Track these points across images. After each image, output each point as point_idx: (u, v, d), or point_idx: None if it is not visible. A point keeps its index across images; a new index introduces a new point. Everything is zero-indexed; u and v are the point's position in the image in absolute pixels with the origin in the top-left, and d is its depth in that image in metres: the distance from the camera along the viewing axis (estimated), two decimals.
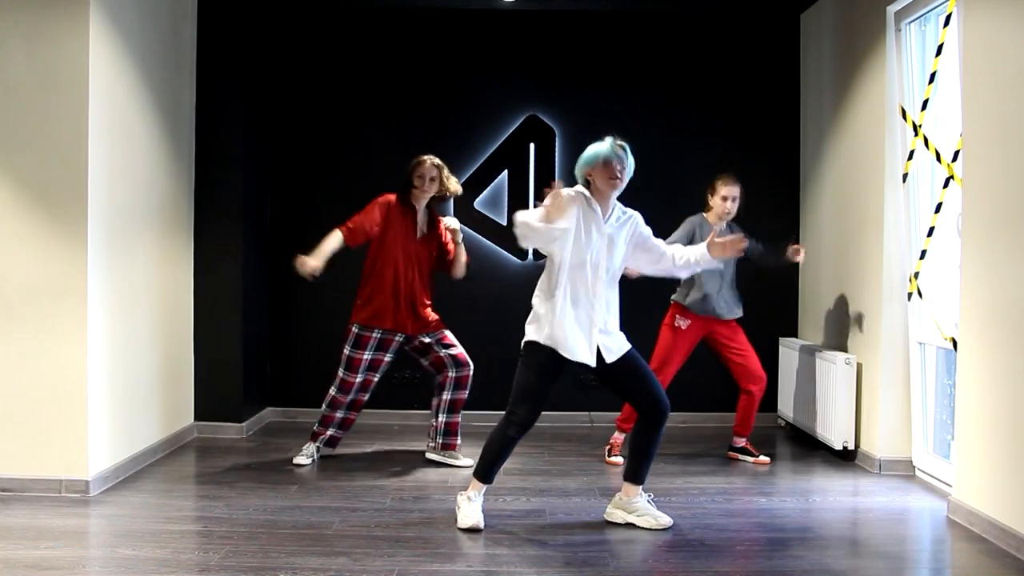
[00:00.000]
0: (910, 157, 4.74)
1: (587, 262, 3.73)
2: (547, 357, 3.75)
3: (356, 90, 6.16)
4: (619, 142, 3.77)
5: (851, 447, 5.04)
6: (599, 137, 3.86)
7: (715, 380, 5.53)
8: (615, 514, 3.93)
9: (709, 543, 3.67)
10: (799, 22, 6.13)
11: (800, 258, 5.06)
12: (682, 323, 4.97)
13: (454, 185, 4.87)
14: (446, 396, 4.91)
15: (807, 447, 5.46)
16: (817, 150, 5.81)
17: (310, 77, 6.17)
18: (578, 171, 3.82)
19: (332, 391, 4.87)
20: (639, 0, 6.02)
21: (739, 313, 5.06)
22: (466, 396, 4.94)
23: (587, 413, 6.06)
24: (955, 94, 4.28)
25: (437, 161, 4.79)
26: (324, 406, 4.92)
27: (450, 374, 4.89)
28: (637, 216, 3.92)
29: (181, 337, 5.39)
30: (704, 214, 4.99)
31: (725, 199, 4.91)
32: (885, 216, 4.85)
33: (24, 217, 4.19)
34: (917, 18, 4.70)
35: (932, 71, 4.52)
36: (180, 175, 5.33)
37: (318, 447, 4.96)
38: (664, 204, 5.30)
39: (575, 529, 3.84)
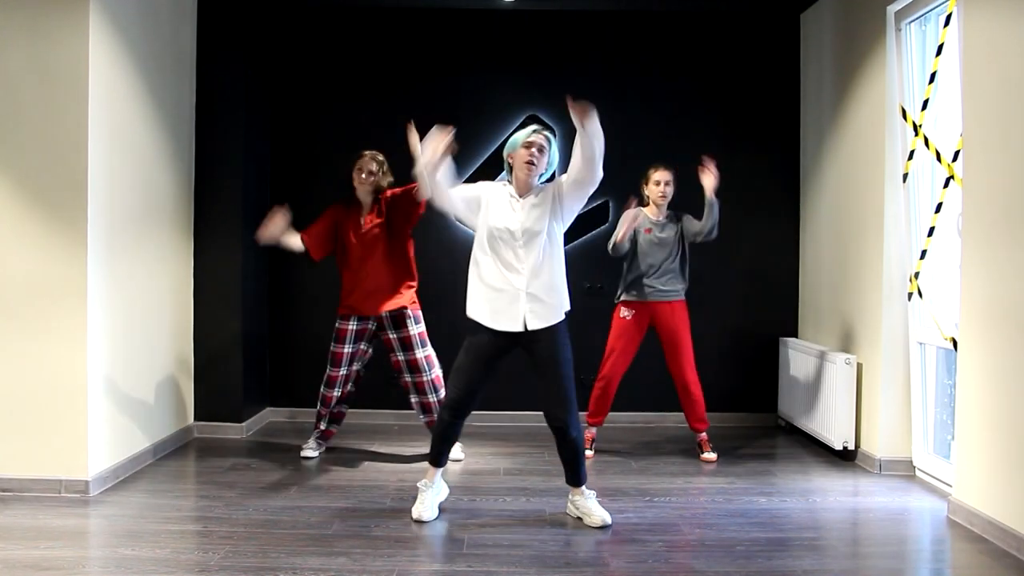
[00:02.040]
0: (910, 157, 4.74)
1: (501, 232, 3.81)
2: (479, 333, 3.86)
3: (356, 90, 6.16)
4: (541, 130, 3.89)
5: (851, 447, 5.04)
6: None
7: (713, 381, 5.54)
8: (570, 508, 4.02)
9: (709, 543, 3.67)
10: (799, 22, 6.13)
11: (708, 177, 4.91)
12: (627, 314, 5.08)
13: (386, 181, 4.90)
14: (413, 399, 5.00)
15: (807, 447, 5.46)
16: (817, 150, 5.81)
17: (310, 77, 6.16)
18: (505, 155, 3.96)
19: (322, 388, 5.01)
20: (639, 0, 6.02)
21: (680, 294, 5.10)
22: (431, 399, 4.92)
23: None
24: (955, 94, 4.28)
25: (380, 157, 4.90)
26: (318, 403, 5.07)
27: (407, 379, 4.95)
28: (558, 179, 3.95)
29: (181, 337, 5.39)
30: (643, 208, 5.06)
31: (659, 183, 5.05)
32: (885, 216, 4.85)
33: (24, 217, 4.19)
34: (917, 18, 4.69)
35: (932, 71, 4.52)
36: (180, 175, 5.33)
37: (316, 438, 5.10)
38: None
39: (575, 529, 3.84)
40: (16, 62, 4.17)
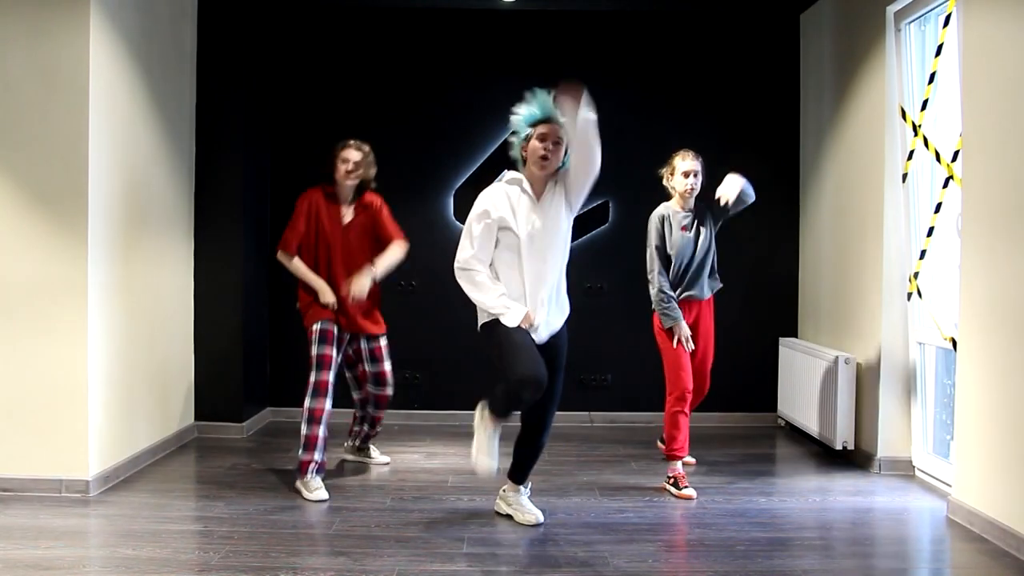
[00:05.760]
0: (910, 157, 4.75)
1: (528, 240, 3.65)
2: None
3: (356, 90, 6.16)
4: (555, 115, 3.66)
5: (851, 447, 5.05)
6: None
7: (713, 381, 5.53)
8: (500, 505, 4.01)
9: (709, 543, 3.68)
10: (799, 22, 6.14)
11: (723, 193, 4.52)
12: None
13: (371, 172, 4.57)
14: (369, 411, 4.79)
15: (807, 447, 5.46)
16: (817, 150, 5.81)
17: (310, 77, 6.17)
18: (513, 149, 3.78)
19: (307, 402, 4.31)
20: (639, 0, 6.03)
21: (716, 288, 4.69)
22: (384, 414, 4.82)
23: (587, 413, 6.06)
24: (955, 94, 4.28)
25: (365, 147, 4.55)
26: (303, 424, 4.33)
27: (370, 390, 4.70)
28: (562, 171, 3.77)
29: (181, 337, 5.39)
30: (665, 204, 4.58)
31: (687, 174, 4.45)
32: (885, 216, 4.85)
33: (24, 217, 4.19)
34: (917, 18, 4.70)
35: (932, 71, 4.52)
36: (180, 175, 5.34)
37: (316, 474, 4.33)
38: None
39: (575, 529, 3.84)
40: (16, 62, 4.17)
